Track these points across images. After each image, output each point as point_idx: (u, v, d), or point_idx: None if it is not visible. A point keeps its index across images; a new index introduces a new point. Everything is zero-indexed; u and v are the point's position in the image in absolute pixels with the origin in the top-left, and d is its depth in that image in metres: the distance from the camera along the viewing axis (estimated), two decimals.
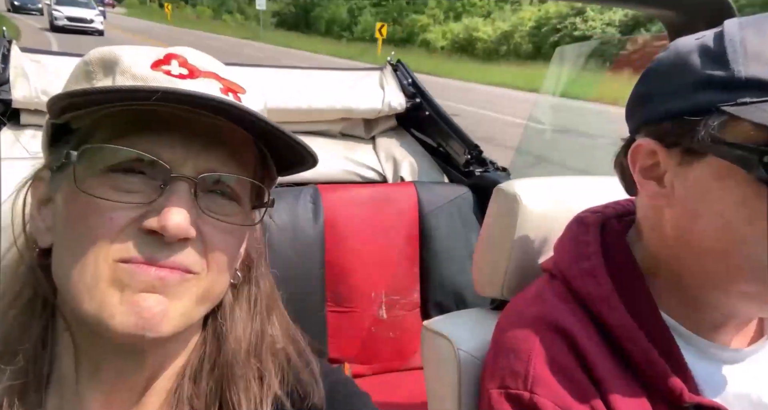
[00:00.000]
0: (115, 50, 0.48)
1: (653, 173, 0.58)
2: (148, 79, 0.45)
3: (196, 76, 0.47)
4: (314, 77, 1.76)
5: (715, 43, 0.53)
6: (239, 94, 0.50)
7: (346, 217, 1.56)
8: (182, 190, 0.44)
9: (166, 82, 0.45)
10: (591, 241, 0.65)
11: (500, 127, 7.79)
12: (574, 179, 0.87)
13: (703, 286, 0.58)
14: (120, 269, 0.43)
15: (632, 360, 0.58)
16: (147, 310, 0.43)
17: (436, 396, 0.80)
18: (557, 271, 0.68)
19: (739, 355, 0.62)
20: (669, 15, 0.94)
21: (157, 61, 0.47)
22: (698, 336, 0.60)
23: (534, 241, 0.78)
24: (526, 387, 0.58)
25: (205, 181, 0.46)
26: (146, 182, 0.45)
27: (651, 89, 0.59)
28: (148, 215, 0.43)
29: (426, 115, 1.81)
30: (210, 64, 0.49)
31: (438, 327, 0.80)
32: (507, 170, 1.73)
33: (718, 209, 0.53)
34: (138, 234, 0.43)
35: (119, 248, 0.43)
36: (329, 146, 1.76)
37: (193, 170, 0.45)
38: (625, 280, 0.61)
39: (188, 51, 0.49)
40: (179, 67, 0.47)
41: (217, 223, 0.47)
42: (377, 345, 1.57)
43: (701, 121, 0.52)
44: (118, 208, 0.43)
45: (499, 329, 0.69)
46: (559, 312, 0.62)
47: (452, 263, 1.59)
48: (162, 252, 0.43)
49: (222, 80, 0.49)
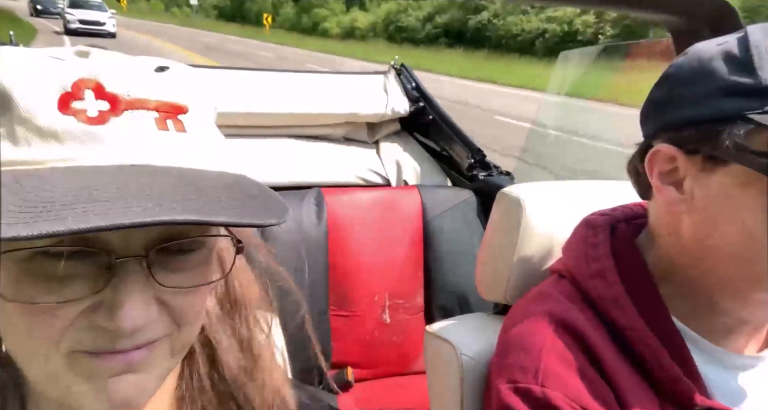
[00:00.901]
0: (3, 77, 0.35)
1: (672, 179, 0.58)
2: (59, 136, 0.34)
3: (120, 112, 0.36)
4: (318, 81, 1.77)
5: (741, 50, 0.53)
6: (180, 117, 0.39)
7: (349, 220, 1.56)
8: (133, 273, 0.36)
9: (81, 133, 0.35)
10: (600, 243, 0.65)
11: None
12: (577, 184, 0.86)
13: (721, 292, 0.57)
14: (78, 359, 0.37)
15: (643, 363, 0.58)
16: (121, 394, 0.38)
17: (438, 400, 0.80)
18: (566, 272, 0.67)
19: (750, 362, 0.61)
20: (673, 20, 0.94)
21: (65, 96, 0.35)
22: (709, 342, 0.60)
23: (537, 245, 0.78)
24: (536, 381, 0.57)
25: (158, 252, 0.38)
26: (86, 265, 0.36)
27: (670, 95, 0.58)
28: (98, 308, 0.36)
29: (429, 119, 1.81)
30: (135, 84, 0.38)
31: (441, 332, 0.80)
32: (511, 174, 1.73)
33: (740, 217, 0.53)
34: (89, 328, 0.36)
35: (71, 343, 0.36)
36: (333, 150, 1.77)
37: (141, 244, 0.37)
38: (636, 282, 0.61)
39: (104, 68, 0.37)
40: (95, 100, 0.36)
41: (180, 290, 0.39)
42: (380, 348, 1.57)
43: (726, 128, 0.51)
44: (57, 308, 0.35)
45: (505, 328, 0.68)
46: (568, 311, 0.62)
47: (456, 267, 1.59)
48: (122, 341, 0.37)
49: (154, 106, 0.38)
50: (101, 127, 0.36)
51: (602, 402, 0.55)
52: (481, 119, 8.81)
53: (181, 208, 0.32)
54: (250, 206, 0.36)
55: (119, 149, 0.36)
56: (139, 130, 0.37)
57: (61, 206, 0.31)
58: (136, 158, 0.36)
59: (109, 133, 0.36)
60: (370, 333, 1.56)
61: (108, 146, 0.36)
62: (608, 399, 0.55)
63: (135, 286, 0.36)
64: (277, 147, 1.70)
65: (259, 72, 1.74)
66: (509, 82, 14.50)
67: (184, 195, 0.34)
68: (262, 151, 1.66)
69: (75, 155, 0.35)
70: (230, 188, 0.37)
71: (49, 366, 0.37)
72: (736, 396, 0.59)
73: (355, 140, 1.84)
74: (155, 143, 0.37)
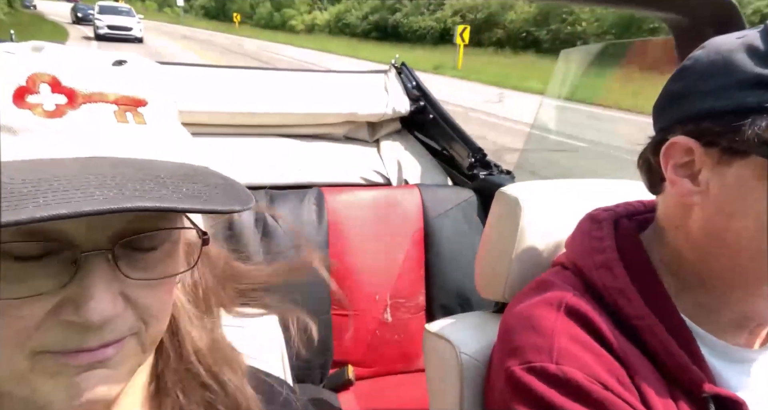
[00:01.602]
0: None
1: (687, 171, 0.58)
2: (14, 129, 0.34)
3: (77, 105, 0.36)
4: (318, 81, 1.77)
5: (764, 43, 0.53)
6: (140, 109, 0.39)
7: (350, 219, 1.56)
8: (98, 267, 0.36)
9: (36, 126, 0.34)
10: (605, 236, 0.65)
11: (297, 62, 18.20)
12: (576, 183, 0.86)
13: (731, 285, 0.58)
14: (44, 359, 0.36)
15: (651, 351, 0.58)
16: (90, 391, 0.37)
17: (438, 399, 0.80)
18: (570, 264, 0.67)
19: (754, 355, 0.62)
20: (675, 18, 0.93)
21: (20, 90, 0.35)
22: (714, 337, 0.60)
23: (536, 244, 0.78)
24: (551, 359, 0.57)
25: (123, 246, 0.37)
26: (50, 261, 0.36)
27: (688, 88, 0.58)
28: (64, 304, 0.36)
29: (430, 118, 1.81)
30: (93, 78, 0.37)
31: (440, 331, 0.80)
32: (511, 173, 1.73)
33: (756, 209, 0.53)
34: (57, 325, 0.36)
35: (38, 342, 0.36)
36: (333, 149, 1.77)
37: (105, 239, 0.36)
38: (640, 275, 0.61)
39: (60, 63, 0.37)
40: (52, 93, 0.36)
41: (146, 282, 0.39)
42: (382, 347, 1.57)
43: (747, 121, 0.52)
44: (23, 304, 0.35)
45: (508, 316, 0.68)
46: (572, 297, 0.62)
47: (457, 266, 1.59)
48: (90, 338, 0.37)
49: (113, 99, 0.38)
50: (58, 120, 0.35)
51: (617, 380, 0.55)
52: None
53: (144, 196, 0.32)
54: (212, 193, 0.36)
55: (77, 141, 0.35)
56: (97, 123, 0.36)
57: (21, 196, 0.30)
58: (96, 150, 0.36)
59: (67, 126, 0.35)
60: (372, 331, 1.56)
61: (66, 138, 0.35)
62: (622, 378, 0.56)
63: (101, 279, 0.36)
64: (277, 146, 1.70)
65: (259, 71, 1.74)
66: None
67: (145, 184, 0.33)
68: (263, 150, 1.66)
69: (32, 147, 0.34)
70: (192, 178, 0.37)
71: (13, 366, 0.36)
72: (741, 387, 0.60)
73: (356, 139, 1.84)
74: (114, 136, 0.37)
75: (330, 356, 1.51)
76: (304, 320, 0.60)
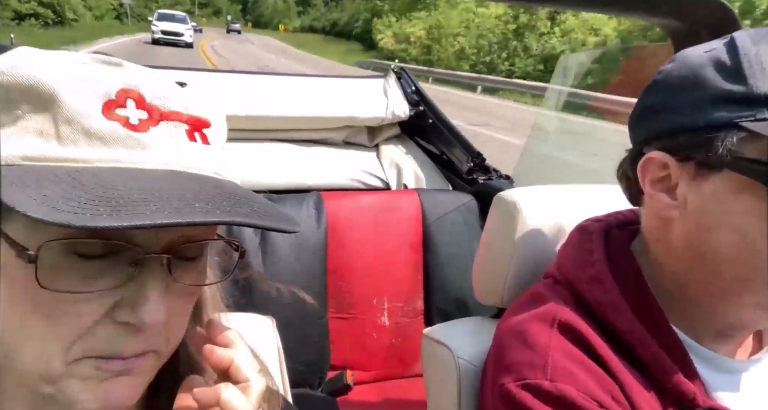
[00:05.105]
0: (46, 78, 0.36)
1: (664, 186, 0.58)
2: (105, 138, 0.37)
3: (158, 121, 0.39)
4: (317, 85, 1.77)
5: (730, 58, 0.53)
6: (205, 130, 0.42)
7: (349, 224, 1.56)
8: (157, 271, 0.38)
9: (126, 138, 0.37)
10: (595, 249, 0.65)
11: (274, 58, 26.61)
12: (574, 188, 0.86)
13: (715, 297, 0.57)
14: (82, 365, 0.38)
15: (643, 364, 0.58)
16: (116, 397, 0.39)
17: (436, 404, 0.79)
18: (560, 276, 0.67)
19: (742, 366, 0.62)
20: (672, 24, 0.94)
21: (109, 102, 0.37)
22: (702, 347, 0.60)
23: (534, 249, 0.78)
24: (545, 376, 0.57)
25: (179, 252, 0.40)
26: (113, 260, 0.37)
27: (661, 102, 0.58)
28: (120, 305, 0.38)
29: (429, 123, 1.82)
30: (171, 97, 0.40)
31: (438, 335, 0.79)
32: (510, 177, 1.73)
33: (734, 223, 0.53)
34: (107, 328, 0.38)
35: (82, 347, 0.38)
36: (333, 154, 1.77)
37: (165, 243, 0.39)
38: (631, 287, 0.61)
39: (143, 81, 0.39)
40: (136, 109, 0.38)
41: (185, 287, 0.41)
42: (380, 351, 1.56)
43: (719, 136, 0.52)
44: (82, 300, 0.36)
45: (501, 329, 0.68)
46: (565, 313, 0.62)
47: (456, 271, 1.59)
48: (130, 343, 0.39)
49: (185, 119, 0.41)
50: (143, 134, 0.38)
51: (611, 397, 0.55)
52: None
53: (232, 212, 0.35)
54: (276, 213, 0.40)
55: (160, 155, 0.38)
56: (175, 139, 0.40)
57: (132, 202, 0.33)
58: (175, 165, 0.39)
59: (151, 140, 0.38)
60: (369, 335, 1.56)
61: (151, 151, 0.38)
62: (616, 394, 0.55)
63: (158, 283, 0.38)
64: (276, 151, 1.70)
65: (259, 76, 1.74)
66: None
67: (230, 201, 0.37)
68: (262, 154, 1.66)
69: (121, 157, 0.37)
70: (253, 198, 0.40)
71: (50, 367, 0.38)
72: (732, 398, 0.59)
73: (355, 144, 1.85)
74: (188, 153, 0.40)
75: (327, 360, 1.51)
76: (301, 323, 0.60)
